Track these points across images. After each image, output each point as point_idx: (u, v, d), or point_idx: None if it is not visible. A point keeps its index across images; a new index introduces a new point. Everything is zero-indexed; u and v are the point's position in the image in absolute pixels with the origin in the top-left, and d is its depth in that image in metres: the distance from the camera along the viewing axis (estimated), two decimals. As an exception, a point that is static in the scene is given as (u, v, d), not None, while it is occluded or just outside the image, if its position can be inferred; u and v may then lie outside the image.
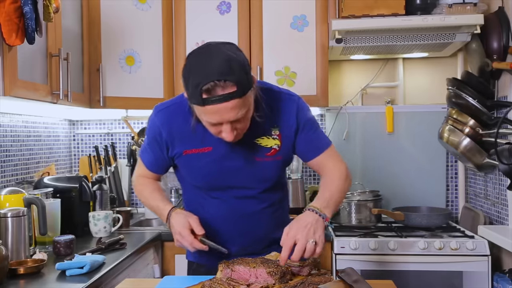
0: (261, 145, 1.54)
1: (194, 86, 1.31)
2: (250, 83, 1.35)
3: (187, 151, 1.54)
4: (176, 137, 1.54)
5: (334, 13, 2.59)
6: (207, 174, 1.55)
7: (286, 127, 1.55)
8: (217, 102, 1.29)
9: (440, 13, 2.39)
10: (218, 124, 1.36)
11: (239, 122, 1.38)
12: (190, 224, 1.47)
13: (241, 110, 1.34)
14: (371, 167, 2.88)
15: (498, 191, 2.39)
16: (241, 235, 1.61)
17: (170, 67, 2.67)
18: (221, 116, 1.33)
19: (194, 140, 1.53)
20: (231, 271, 1.31)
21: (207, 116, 1.35)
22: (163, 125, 1.55)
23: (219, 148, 1.52)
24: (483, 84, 2.40)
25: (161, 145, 1.57)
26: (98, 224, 2.28)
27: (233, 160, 1.53)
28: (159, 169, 1.65)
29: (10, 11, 1.62)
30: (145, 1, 2.59)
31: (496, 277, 2.17)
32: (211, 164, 1.53)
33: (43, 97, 1.96)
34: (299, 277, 1.33)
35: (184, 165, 1.59)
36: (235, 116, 1.34)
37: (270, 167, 1.57)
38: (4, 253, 1.56)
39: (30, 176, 2.49)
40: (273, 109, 1.54)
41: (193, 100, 1.34)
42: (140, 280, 1.84)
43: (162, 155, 1.59)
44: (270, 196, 1.62)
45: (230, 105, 1.30)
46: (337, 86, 3.00)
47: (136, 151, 2.93)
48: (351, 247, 2.24)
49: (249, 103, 1.38)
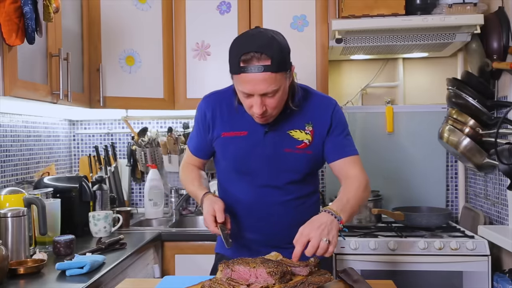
0: (293, 137, 1.62)
1: (235, 55, 1.46)
2: (286, 65, 1.48)
3: (225, 134, 1.65)
4: (218, 118, 1.67)
5: (334, 13, 2.59)
6: (239, 157, 1.64)
7: (320, 125, 1.63)
8: (250, 71, 1.43)
9: (440, 13, 2.39)
10: (250, 96, 1.49)
11: (269, 98, 1.48)
12: (215, 211, 1.54)
13: (271, 86, 1.45)
14: (371, 167, 2.86)
15: (498, 191, 2.39)
16: (262, 223, 1.65)
17: (170, 67, 2.67)
18: (253, 86, 1.45)
19: (233, 123, 1.65)
20: (231, 271, 1.31)
21: (241, 85, 1.48)
22: (207, 107, 1.69)
23: (254, 134, 1.62)
24: (483, 84, 2.40)
25: (205, 126, 1.69)
26: (98, 224, 2.28)
27: (264, 147, 1.61)
28: (203, 154, 1.76)
29: (10, 11, 1.62)
30: (145, 1, 2.59)
31: (496, 277, 2.17)
32: (244, 148, 1.63)
33: (43, 97, 1.96)
34: (299, 277, 1.33)
35: (220, 147, 1.68)
36: (266, 89, 1.45)
37: (299, 159, 1.62)
38: (4, 253, 1.56)
39: (30, 176, 2.49)
40: (309, 106, 1.65)
41: (232, 69, 1.48)
42: (140, 280, 1.84)
43: (205, 139, 1.71)
44: (297, 189, 1.65)
45: (261, 76, 1.43)
46: (337, 86, 2.99)
47: (136, 151, 2.93)
48: (351, 247, 2.24)
49: (282, 84, 1.48)
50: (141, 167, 2.96)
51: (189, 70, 2.67)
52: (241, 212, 1.67)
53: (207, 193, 1.64)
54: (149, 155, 2.91)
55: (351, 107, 2.92)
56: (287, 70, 1.49)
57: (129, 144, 2.97)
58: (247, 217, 1.67)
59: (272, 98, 1.49)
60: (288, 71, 1.50)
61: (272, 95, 1.48)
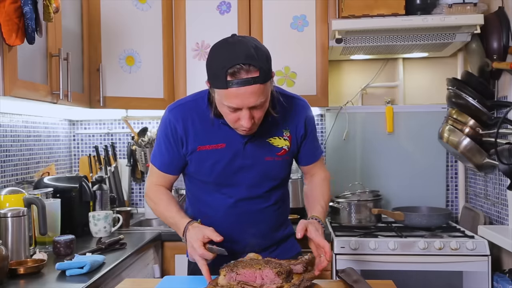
0: (273, 145, 1.60)
1: (219, 68, 1.36)
2: (270, 73, 1.42)
3: (201, 147, 1.57)
4: (191, 132, 1.57)
5: (334, 13, 2.59)
6: (219, 170, 1.58)
7: (295, 131, 1.64)
8: (240, 84, 1.35)
9: (440, 13, 2.39)
10: (237, 110, 1.41)
11: (257, 110, 1.43)
12: (207, 236, 1.43)
13: (261, 98, 1.40)
14: (371, 167, 2.88)
15: (498, 191, 2.39)
16: (244, 232, 1.62)
17: (170, 67, 2.67)
18: (242, 100, 1.38)
19: (209, 136, 1.57)
20: (236, 275, 1.30)
21: (228, 100, 1.39)
22: (177, 121, 1.57)
23: (232, 145, 1.56)
24: (483, 84, 2.40)
25: (176, 141, 1.58)
26: (98, 224, 2.28)
27: (244, 158, 1.57)
28: (174, 169, 1.64)
29: (10, 11, 1.62)
30: (145, 1, 2.59)
31: (496, 277, 2.17)
32: (223, 161, 1.57)
33: (43, 97, 1.96)
34: (296, 275, 1.35)
35: (196, 161, 1.60)
36: (255, 101, 1.39)
37: (279, 166, 1.63)
38: (4, 253, 1.56)
39: (30, 176, 2.49)
40: (285, 111, 1.60)
41: (217, 83, 1.39)
42: (140, 280, 1.84)
43: (177, 153, 1.60)
44: (275, 194, 1.66)
45: (251, 89, 1.36)
46: (337, 86, 2.99)
47: (136, 151, 2.93)
48: (351, 247, 2.24)
49: (268, 93, 1.44)
50: (141, 167, 2.96)
51: (189, 70, 2.67)
52: (219, 221, 1.59)
53: (191, 221, 1.51)
54: (149, 155, 2.90)
55: (351, 107, 2.92)
56: (271, 78, 1.44)
57: (129, 144, 2.97)
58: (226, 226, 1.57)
59: (260, 110, 1.44)
60: (271, 78, 1.44)
61: (260, 107, 1.43)
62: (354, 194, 2.61)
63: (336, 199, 2.62)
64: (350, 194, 2.63)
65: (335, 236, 2.32)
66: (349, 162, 2.88)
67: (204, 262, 1.42)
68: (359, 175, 2.87)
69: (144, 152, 2.90)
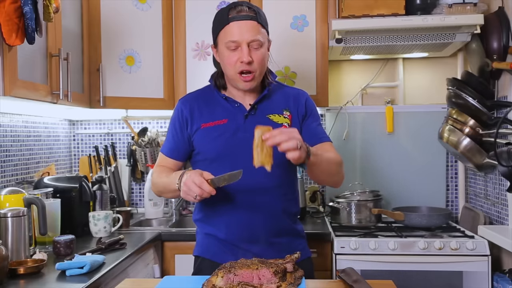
0: (273, 121, 1.68)
1: (223, 10, 1.61)
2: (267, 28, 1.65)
3: (205, 124, 1.68)
4: (196, 112, 1.70)
5: (334, 13, 2.59)
6: (221, 145, 1.65)
7: (296, 112, 1.73)
8: (240, 19, 1.57)
9: (440, 13, 2.40)
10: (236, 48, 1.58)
11: (254, 50, 1.59)
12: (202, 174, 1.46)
13: (258, 35, 1.58)
14: (371, 167, 2.88)
15: (498, 191, 2.39)
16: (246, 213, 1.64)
17: (170, 67, 2.67)
18: (241, 33, 1.57)
19: (212, 114, 1.69)
20: (234, 276, 1.30)
21: (229, 34, 1.58)
22: (185, 105, 1.73)
23: (234, 120, 1.67)
24: (483, 84, 2.40)
25: (182, 124, 1.71)
26: (98, 224, 2.28)
27: (245, 131, 1.63)
28: (179, 155, 1.75)
29: (10, 11, 1.62)
30: (145, 1, 2.59)
31: (496, 277, 2.17)
32: (226, 135, 1.66)
33: (43, 97, 1.96)
34: (288, 273, 1.36)
35: (200, 138, 1.69)
36: (253, 36, 1.57)
37: None
38: (4, 253, 1.56)
39: (30, 176, 2.49)
40: (284, 95, 1.74)
41: (219, 26, 1.60)
42: (140, 280, 1.84)
43: (182, 138, 1.72)
44: (279, 173, 1.64)
45: (250, 24, 1.57)
46: (337, 86, 3.00)
47: (136, 151, 2.93)
48: (351, 247, 2.24)
49: (264, 41, 1.62)
50: (141, 167, 2.96)
51: (189, 70, 2.67)
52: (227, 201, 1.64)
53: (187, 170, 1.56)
54: (149, 155, 2.91)
55: (351, 107, 2.92)
56: (268, 33, 1.64)
57: (129, 144, 2.97)
58: (231, 209, 1.64)
59: (258, 51, 1.59)
60: (268, 36, 1.65)
61: (257, 47, 1.59)
62: (354, 194, 2.61)
63: (336, 199, 2.62)
64: (350, 194, 2.63)
65: (335, 236, 2.32)
66: (349, 162, 2.88)
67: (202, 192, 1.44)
68: (359, 175, 2.87)
69: (144, 152, 2.90)
